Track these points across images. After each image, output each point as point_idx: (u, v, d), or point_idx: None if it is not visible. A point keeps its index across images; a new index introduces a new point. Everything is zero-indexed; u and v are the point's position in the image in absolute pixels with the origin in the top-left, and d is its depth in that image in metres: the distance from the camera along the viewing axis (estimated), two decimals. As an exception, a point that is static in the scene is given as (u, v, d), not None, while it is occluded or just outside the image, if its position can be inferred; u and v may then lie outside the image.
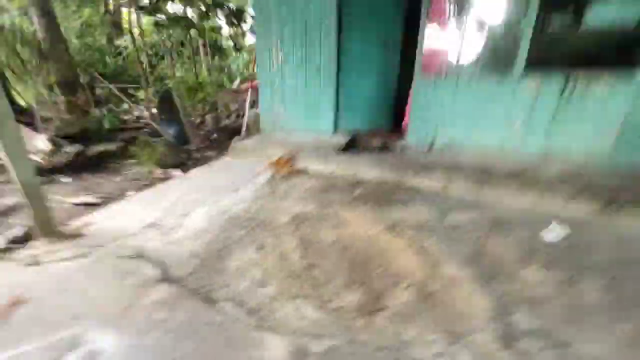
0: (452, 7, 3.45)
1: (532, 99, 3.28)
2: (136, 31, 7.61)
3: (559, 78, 3.11)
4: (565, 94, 3.13)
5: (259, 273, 1.75)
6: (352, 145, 3.94)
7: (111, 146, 4.43)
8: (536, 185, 2.76)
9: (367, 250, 1.99)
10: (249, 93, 5.13)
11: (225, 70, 11.52)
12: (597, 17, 3.43)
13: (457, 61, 3.56)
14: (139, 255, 1.86)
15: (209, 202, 2.62)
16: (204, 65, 10.32)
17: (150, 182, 3.50)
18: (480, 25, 3.40)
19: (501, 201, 2.68)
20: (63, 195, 3.18)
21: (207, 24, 9.16)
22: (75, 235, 2.06)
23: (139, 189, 3.33)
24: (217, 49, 12.28)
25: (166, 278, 1.67)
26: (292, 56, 4.29)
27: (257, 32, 4.46)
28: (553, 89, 3.16)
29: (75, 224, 2.22)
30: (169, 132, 5.22)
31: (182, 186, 3.04)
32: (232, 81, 10.17)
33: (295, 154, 3.79)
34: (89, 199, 3.00)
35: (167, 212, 2.43)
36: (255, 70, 4.93)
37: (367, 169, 3.25)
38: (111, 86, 4.80)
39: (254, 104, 5.81)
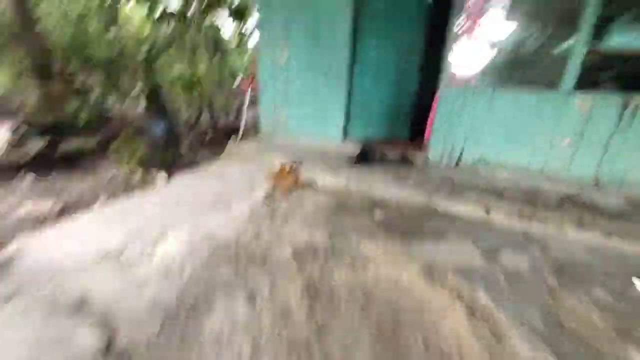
0: (489, 8, 2.93)
1: (583, 118, 2.79)
2: (132, 22, 7.11)
3: (615, 99, 2.63)
4: (625, 117, 2.64)
5: (247, 344, 1.20)
6: (364, 156, 3.41)
7: (90, 142, 3.88)
8: (599, 218, 2.24)
9: (398, 307, 1.45)
10: (249, 91, 4.59)
11: (227, 67, 11.01)
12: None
13: (494, 69, 3.05)
14: (81, 306, 1.31)
15: (192, 222, 2.06)
16: (204, 62, 9.79)
17: (128, 187, 2.95)
18: (524, 31, 2.89)
19: (560, 236, 2.15)
20: (20, 199, 2.62)
21: (207, 20, 8.67)
22: (4, 266, 1.51)
23: (114, 194, 2.78)
24: (217, 46, 11.75)
25: (110, 352, 1.12)
26: (300, 54, 3.78)
27: (260, 25, 3.94)
28: (609, 110, 2.68)
29: (9, 248, 1.66)
30: (157, 129, 4.67)
31: (161, 197, 2.49)
32: (234, 78, 9.67)
33: (300, 163, 3.25)
34: (50, 206, 2.44)
35: (135, 234, 1.87)
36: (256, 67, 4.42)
37: (386, 186, 2.72)
38: (93, 76, 4.25)
39: (254, 103, 5.29)
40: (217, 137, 5.79)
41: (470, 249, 1.91)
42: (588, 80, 2.73)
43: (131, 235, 1.85)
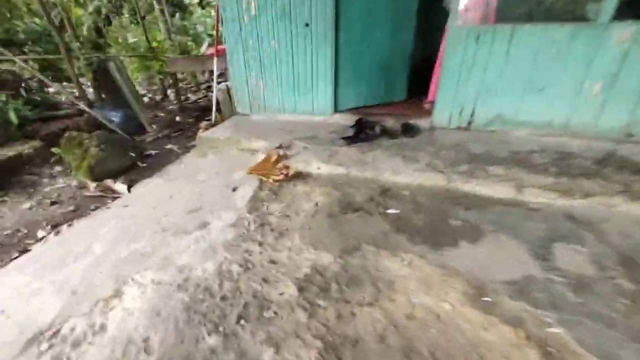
0: None
1: (620, 55, 2.30)
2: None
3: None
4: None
5: None
6: (360, 130, 2.89)
7: (26, 147, 3.18)
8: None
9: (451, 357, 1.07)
10: (215, 61, 3.85)
11: (190, 31, 9.68)
12: None
13: (513, 2, 2.46)
14: None
15: (159, 258, 1.58)
16: (161, 27, 8.45)
17: (78, 208, 2.38)
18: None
19: (611, 213, 1.78)
20: None
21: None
22: None
23: (57, 224, 2.20)
24: (176, 6, 10.27)
25: None
26: (272, 5, 3.03)
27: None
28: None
29: None
30: (112, 119, 3.95)
31: (119, 221, 1.96)
32: (199, 45, 8.51)
33: (287, 148, 2.72)
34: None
35: (80, 292, 1.39)
36: (219, 29, 3.64)
37: (394, 170, 2.25)
38: (16, 58, 3.38)
39: (224, 74, 4.53)
40: (187, 119, 5.07)
41: (516, 250, 1.53)
42: (629, 10, 2.21)
43: (74, 296, 1.36)
